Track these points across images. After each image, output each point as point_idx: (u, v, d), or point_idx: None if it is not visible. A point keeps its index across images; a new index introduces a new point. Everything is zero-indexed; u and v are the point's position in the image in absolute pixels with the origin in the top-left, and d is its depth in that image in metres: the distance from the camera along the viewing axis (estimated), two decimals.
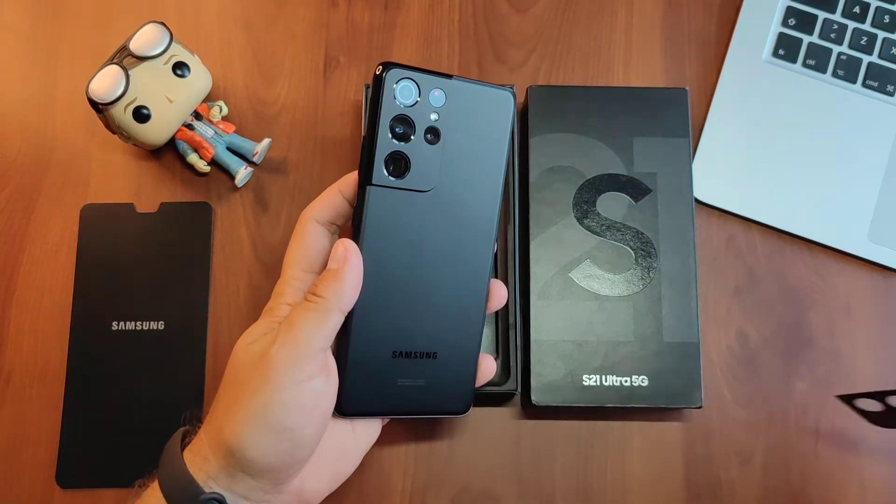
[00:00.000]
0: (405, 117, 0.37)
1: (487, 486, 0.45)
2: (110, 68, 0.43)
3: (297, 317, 0.35)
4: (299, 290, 0.37)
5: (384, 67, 0.36)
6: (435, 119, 0.37)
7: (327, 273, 0.36)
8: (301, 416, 0.34)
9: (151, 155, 0.50)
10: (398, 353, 0.38)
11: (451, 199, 0.38)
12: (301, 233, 0.38)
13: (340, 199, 0.38)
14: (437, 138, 0.37)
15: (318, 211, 0.38)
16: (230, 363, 0.36)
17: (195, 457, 0.35)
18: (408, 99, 0.37)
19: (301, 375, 0.34)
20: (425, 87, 0.37)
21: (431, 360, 0.38)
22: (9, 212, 0.49)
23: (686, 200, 0.47)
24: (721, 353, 0.48)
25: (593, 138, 0.48)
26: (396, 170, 0.37)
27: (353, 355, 0.37)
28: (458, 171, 0.38)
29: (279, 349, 0.34)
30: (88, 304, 0.47)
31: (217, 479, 0.34)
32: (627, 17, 0.53)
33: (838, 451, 0.47)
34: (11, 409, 0.46)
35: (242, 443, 0.33)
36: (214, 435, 0.35)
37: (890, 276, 0.49)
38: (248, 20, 0.52)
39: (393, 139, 0.37)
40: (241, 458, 0.33)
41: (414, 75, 0.37)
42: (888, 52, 0.51)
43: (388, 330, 0.38)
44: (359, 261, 0.36)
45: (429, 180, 0.37)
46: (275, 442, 0.34)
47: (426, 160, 0.37)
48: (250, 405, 0.34)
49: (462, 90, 0.38)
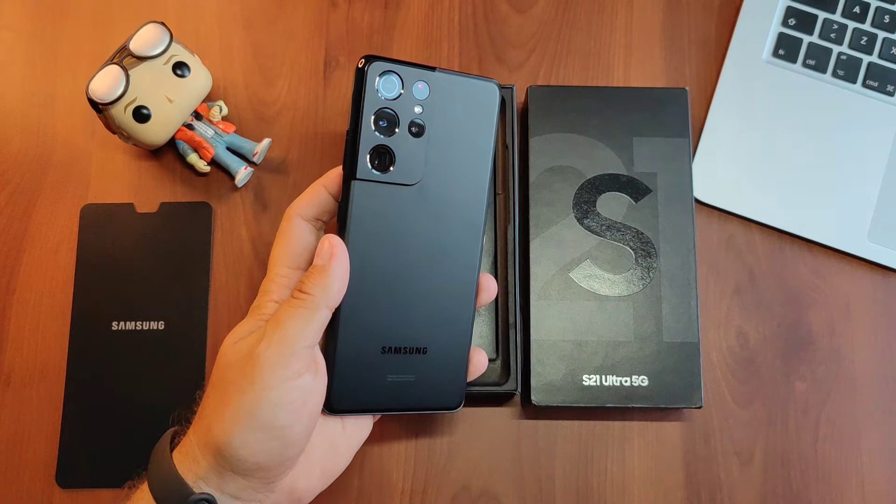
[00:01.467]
0: (389, 110, 0.37)
1: (487, 486, 0.45)
2: (110, 68, 0.43)
3: (284, 314, 0.34)
4: (285, 287, 0.37)
5: (367, 60, 0.36)
6: (419, 112, 0.37)
7: (313, 269, 0.35)
8: (290, 413, 0.34)
9: (151, 155, 0.50)
10: (387, 348, 0.38)
11: (438, 193, 0.38)
12: (286, 229, 0.38)
13: (325, 195, 0.38)
14: (422, 131, 0.37)
15: (302, 207, 0.38)
16: (217, 362, 0.36)
17: (184, 457, 0.34)
18: (391, 92, 0.37)
19: (289, 373, 0.34)
20: (409, 79, 0.37)
21: (421, 356, 0.38)
22: (9, 212, 0.49)
23: (686, 200, 0.47)
24: (721, 353, 0.48)
25: (593, 138, 0.48)
26: (381, 164, 0.37)
27: (342, 351, 0.37)
28: (444, 163, 0.38)
29: (266, 347, 0.34)
30: (88, 304, 0.47)
31: (207, 479, 0.34)
32: (627, 17, 0.53)
33: (838, 451, 0.47)
34: (11, 409, 0.46)
35: (231, 442, 0.33)
36: (203, 435, 0.34)
37: (890, 276, 0.49)
38: (248, 20, 0.52)
39: (377, 133, 0.36)
40: (231, 458, 0.33)
41: (397, 68, 0.37)
42: (888, 52, 0.51)
43: (376, 325, 0.37)
44: (345, 256, 0.36)
45: (414, 174, 0.37)
46: (264, 440, 0.33)
47: (411, 154, 0.37)
48: (238, 404, 0.33)
49: (446, 82, 0.37)
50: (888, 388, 0.47)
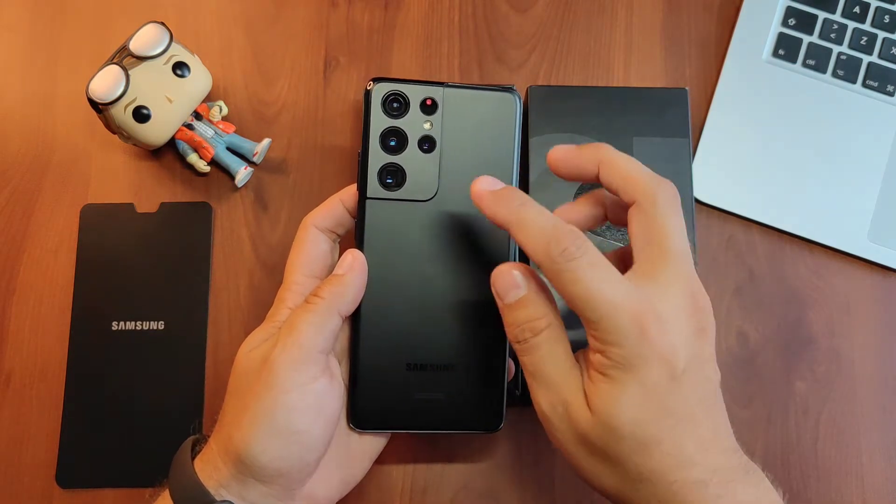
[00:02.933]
0: (396, 129, 0.37)
1: (487, 486, 0.45)
2: (110, 68, 0.43)
3: (297, 319, 0.35)
4: (301, 294, 0.37)
5: (373, 82, 0.37)
6: (428, 128, 0.37)
7: (331, 277, 0.36)
8: (307, 418, 0.34)
9: (151, 155, 0.50)
10: (412, 365, 0.37)
11: (457, 207, 0.38)
12: (302, 239, 0.39)
13: (341, 209, 0.39)
14: (433, 147, 0.37)
15: (318, 218, 0.39)
16: (233, 371, 0.36)
17: (206, 465, 0.35)
18: (397, 111, 0.37)
19: (304, 378, 0.34)
20: (415, 97, 0.37)
21: (449, 373, 0.38)
22: (9, 212, 0.49)
23: (686, 200, 0.47)
24: (721, 353, 0.48)
25: (593, 138, 0.48)
26: (392, 182, 0.37)
27: (364, 366, 0.37)
28: (461, 177, 0.37)
29: (280, 352, 0.34)
30: (88, 304, 0.47)
31: (228, 487, 0.34)
32: (627, 17, 0.53)
33: (838, 451, 0.47)
34: (11, 409, 0.46)
35: (251, 449, 0.33)
36: (223, 443, 0.35)
37: (890, 276, 0.49)
38: (248, 20, 0.52)
39: (384, 152, 0.37)
40: (252, 465, 0.33)
41: (402, 87, 0.37)
42: (888, 52, 0.51)
43: (398, 341, 0.37)
44: (363, 268, 0.36)
45: (428, 189, 0.37)
46: (283, 446, 0.34)
47: (423, 170, 0.37)
48: (256, 410, 0.34)
49: (457, 96, 0.38)
50: (888, 388, 0.47)
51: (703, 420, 0.32)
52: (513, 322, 0.33)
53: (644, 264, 0.32)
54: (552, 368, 0.32)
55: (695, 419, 0.31)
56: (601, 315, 0.30)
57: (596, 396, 0.31)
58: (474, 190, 0.34)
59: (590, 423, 0.31)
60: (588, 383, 0.32)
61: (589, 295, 0.31)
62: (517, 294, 0.33)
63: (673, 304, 0.32)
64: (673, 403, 0.31)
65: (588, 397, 0.32)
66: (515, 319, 0.33)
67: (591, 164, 0.34)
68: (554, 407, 0.32)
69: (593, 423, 0.31)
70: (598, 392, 0.31)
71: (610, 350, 0.31)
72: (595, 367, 0.31)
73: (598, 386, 0.31)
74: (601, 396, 0.31)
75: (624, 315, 0.30)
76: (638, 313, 0.30)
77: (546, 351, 0.32)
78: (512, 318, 0.33)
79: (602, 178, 0.34)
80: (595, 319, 0.31)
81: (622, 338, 0.30)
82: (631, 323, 0.30)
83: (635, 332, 0.30)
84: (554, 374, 0.32)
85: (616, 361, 0.30)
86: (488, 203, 0.34)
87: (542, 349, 0.32)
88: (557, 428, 0.33)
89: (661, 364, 0.30)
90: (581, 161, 0.34)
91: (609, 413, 0.31)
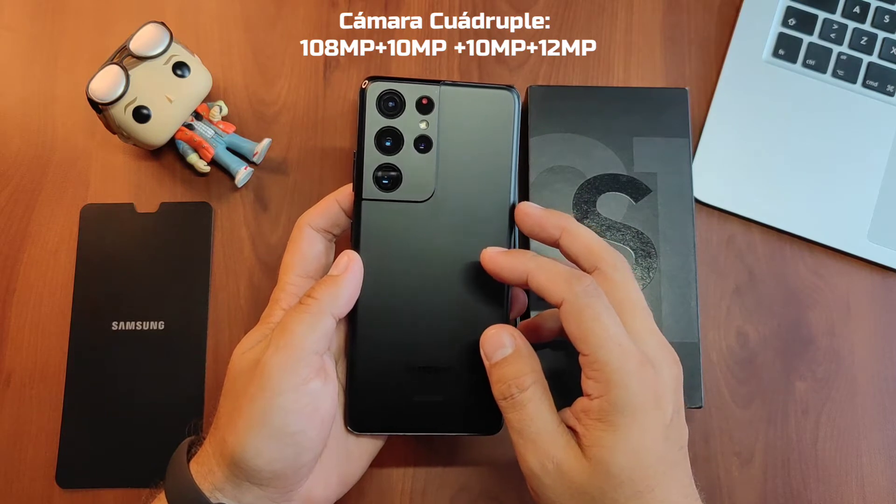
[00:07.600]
0: (391, 129, 0.37)
1: (487, 486, 0.45)
2: (110, 68, 0.43)
3: (290, 320, 0.34)
4: (295, 295, 0.37)
5: (368, 81, 0.36)
6: (424, 127, 0.37)
7: (325, 278, 0.36)
8: (301, 419, 0.34)
9: (151, 155, 0.50)
10: (410, 367, 0.37)
11: (454, 207, 0.37)
12: (296, 239, 0.38)
13: (337, 209, 0.38)
14: (429, 146, 0.37)
15: (314, 218, 0.38)
16: (228, 373, 0.36)
17: (201, 468, 0.35)
18: (392, 111, 0.37)
19: (297, 379, 0.34)
20: (410, 96, 0.37)
21: (448, 375, 0.37)
22: (9, 212, 0.49)
23: (686, 200, 0.47)
24: (721, 353, 0.48)
25: (593, 138, 0.48)
26: (387, 183, 0.37)
27: (360, 369, 0.37)
28: (459, 177, 0.37)
29: (273, 353, 0.34)
30: (88, 304, 0.47)
31: (224, 490, 0.34)
32: (627, 17, 0.53)
33: (838, 451, 0.47)
34: (11, 409, 0.46)
35: (246, 452, 0.33)
36: (218, 445, 0.34)
37: (890, 276, 0.49)
38: (248, 20, 0.52)
39: (379, 152, 0.37)
40: (246, 468, 0.33)
41: (397, 86, 0.37)
42: (888, 52, 0.51)
43: (395, 343, 0.37)
44: (359, 270, 0.36)
45: (424, 190, 0.37)
46: (278, 448, 0.33)
47: (419, 170, 0.37)
48: (250, 413, 0.33)
49: (454, 95, 0.37)
50: (888, 388, 0.47)
51: (683, 467, 0.33)
52: (499, 378, 0.34)
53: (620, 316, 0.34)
54: (540, 424, 0.33)
55: (677, 466, 0.33)
56: (612, 357, 0.32)
57: (595, 445, 0.32)
58: (485, 256, 0.36)
59: (586, 473, 0.32)
60: (584, 434, 0.32)
61: (607, 335, 0.32)
62: (504, 352, 0.34)
63: (659, 354, 0.33)
64: (665, 450, 0.32)
65: (584, 448, 0.32)
66: (503, 376, 0.34)
67: (555, 230, 0.36)
68: (543, 464, 0.32)
69: (590, 472, 0.32)
70: (597, 440, 0.32)
71: (615, 393, 0.31)
72: (593, 414, 0.32)
73: (596, 434, 0.32)
74: (601, 444, 0.32)
75: (632, 359, 0.32)
76: (641, 360, 0.32)
77: (533, 407, 0.33)
78: (499, 374, 0.34)
79: (562, 245, 0.36)
80: (605, 360, 0.32)
81: (629, 381, 0.31)
82: (638, 368, 0.32)
83: (639, 377, 0.31)
84: (542, 431, 0.33)
85: (619, 406, 0.31)
86: (503, 259, 0.35)
87: (529, 406, 0.33)
88: (548, 486, 0.33)
89: (657, 410, 0.32)
90: (546, 224, 0.36)
91: (609, 461, 0.31)
